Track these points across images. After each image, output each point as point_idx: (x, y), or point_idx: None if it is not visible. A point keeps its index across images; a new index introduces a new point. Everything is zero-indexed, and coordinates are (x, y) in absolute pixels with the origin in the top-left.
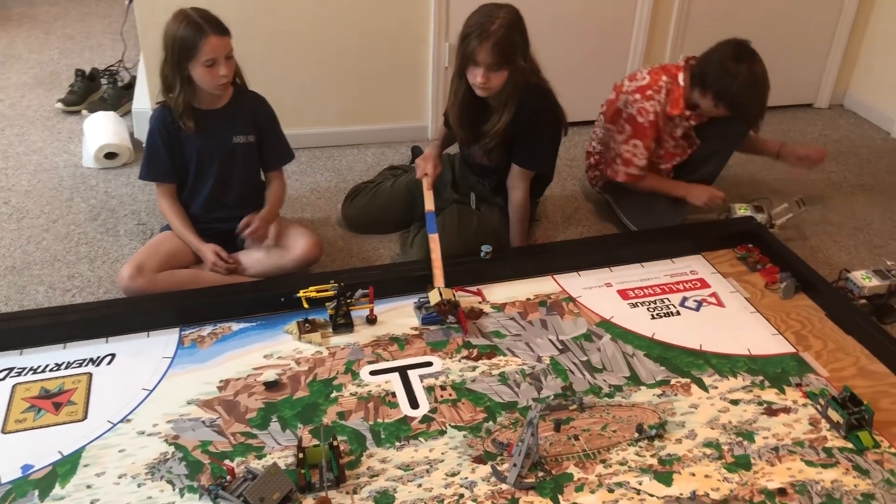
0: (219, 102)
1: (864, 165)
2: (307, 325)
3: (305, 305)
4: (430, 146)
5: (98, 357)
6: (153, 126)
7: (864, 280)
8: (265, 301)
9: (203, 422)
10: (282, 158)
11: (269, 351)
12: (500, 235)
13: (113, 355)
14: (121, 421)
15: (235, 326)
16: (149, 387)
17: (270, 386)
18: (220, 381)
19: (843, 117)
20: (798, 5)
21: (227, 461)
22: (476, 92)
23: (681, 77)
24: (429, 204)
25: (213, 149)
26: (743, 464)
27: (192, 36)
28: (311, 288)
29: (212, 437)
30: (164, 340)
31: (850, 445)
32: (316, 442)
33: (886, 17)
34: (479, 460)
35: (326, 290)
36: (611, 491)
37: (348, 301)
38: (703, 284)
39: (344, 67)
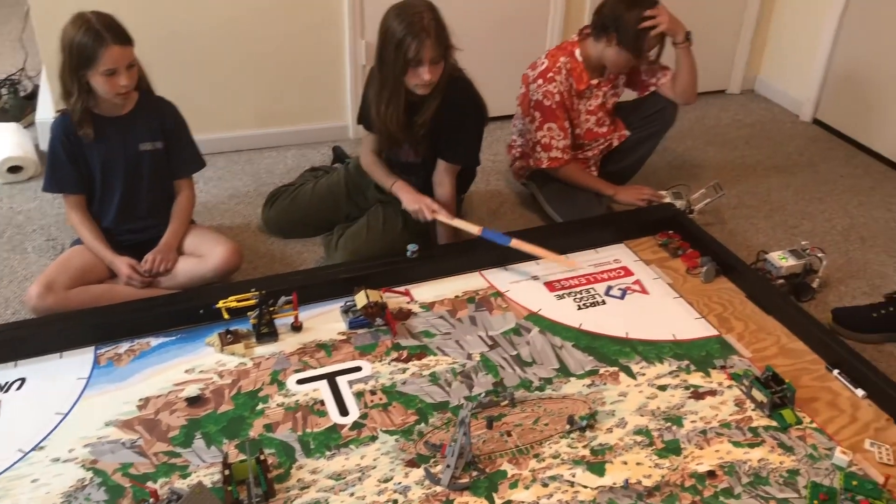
0: (122, 109)
1: (776, 148)
2: (229, 336)
3: (226, 316)
4: (398, 186)
5: (6, 383)
6: (54, 135)
7: (781, 260)
8: (184, 314)
9: (123, 443)
10: (191, 166)
11: (191, 365)
12: (427, 234)
13: (23, 380)
14: (33, 449)
15: (154, 342)
16: (63, 410)
17: (193, 401)
18: (140, 400)
19: (754, 102)
20: None
21: (149, 483)
22: (418, 91)
23: (577, 52)
24: (468, 228)
25: (119, 157)
26: (673, 449)
27: (91, 44)
28: (231, 298)
29: (132, 458)
30: (79, 360)
31: (774, 424)
32: (243, 457)
33: (790, 3)
34: (411, 464)
35: (247, 299)
36: (545, 485)
37: (271, 309)
38: (627, 272)
39: (258, 68)
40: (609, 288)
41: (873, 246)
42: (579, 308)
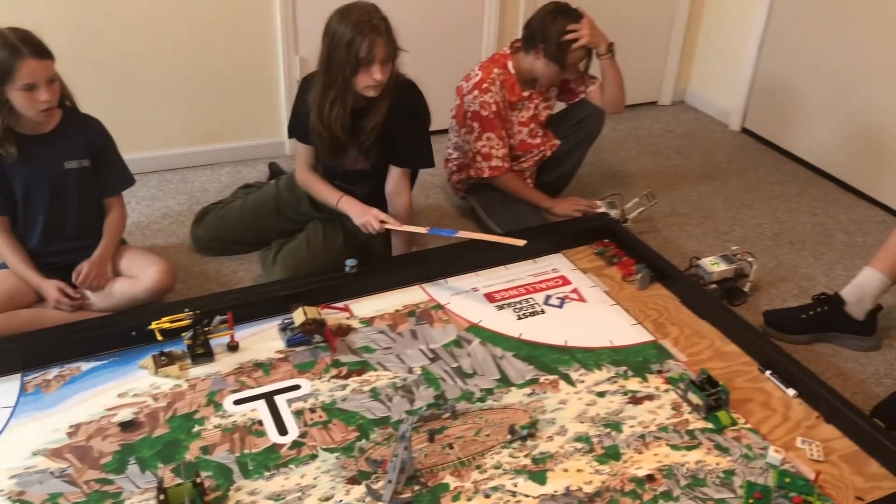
0: (45, 127)
1: (706, 157)
2: (163, 358)
3: (159, 338)
4: (344, 202)
5: None
6: None
7: (713, 266)
8: (116, 337)
9: (51, 473)
10: (120, 184)
11: (124, 389)
12: (367, 249)
13: None
14: None
15: (85, 366)
16: None
17: (126, 426)
18: (70, 427)
19: (685, 113)
20: (637, 8)
21: None
22: (367, 94)
23: (510, 64)
24: (417, 230)
25: (43, 177)
26: (612, 454)
27: (7, 58)
28: (164, 319)
29: (62, 488)
30: (4, 388)
31: (710, 426)
32: (179, 480)
33: (716, 17)
34: (353, 481)
35: (181, 320)
36: (487, 496)
37: (206, 329)
38: (565, 281)
39: (191, 85)
40: (548, 297)
41: (801, 249)
42: (519, 318)
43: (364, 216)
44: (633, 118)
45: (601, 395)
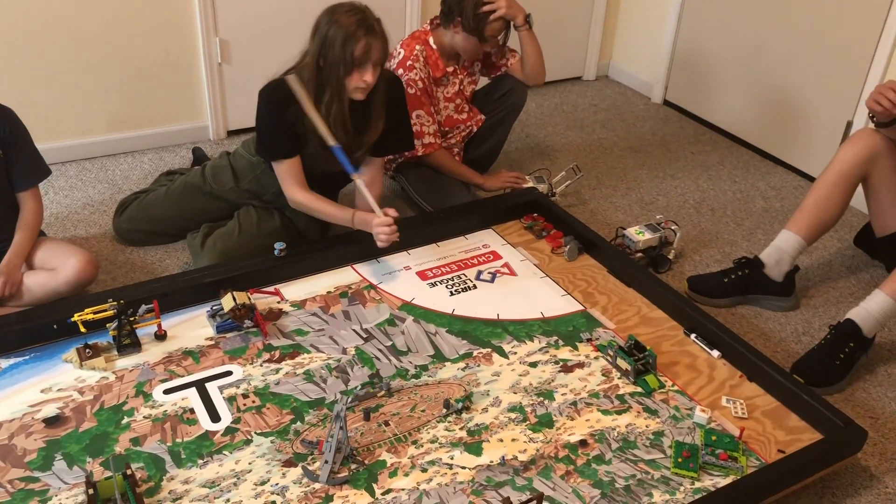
0: None
1: (630, 130)
2: (88, 350)
3: (83, 330)
4: (358, 217)
5: None
6: None
7: (638, 235)
8: (36, 331)
9: None
10: (34, 176)
11: (47, 384)
12: (300, 231)
13: None
14: None
15: (4, 363)
16: None
17: (51, 422)
18: None
19: (608, 87)
20: None
21: None
22: (356, 96)
23: (431, 40)
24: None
25: None
26: (546, 422)
27: None
28: (86, 310)
29: None
30: None
31: (639, 390)
32: (108, 474)
33: None
34: (289, 463)
35: (105, 311)
36: (424, 470)
37: (131, 319)
38: (496, 256)
39: (108, 71)
40: (479, 273)
41: (723, 216)
42: (451, 294)
43: (381, 225)
44: (559, 93)
45: (533, 365)
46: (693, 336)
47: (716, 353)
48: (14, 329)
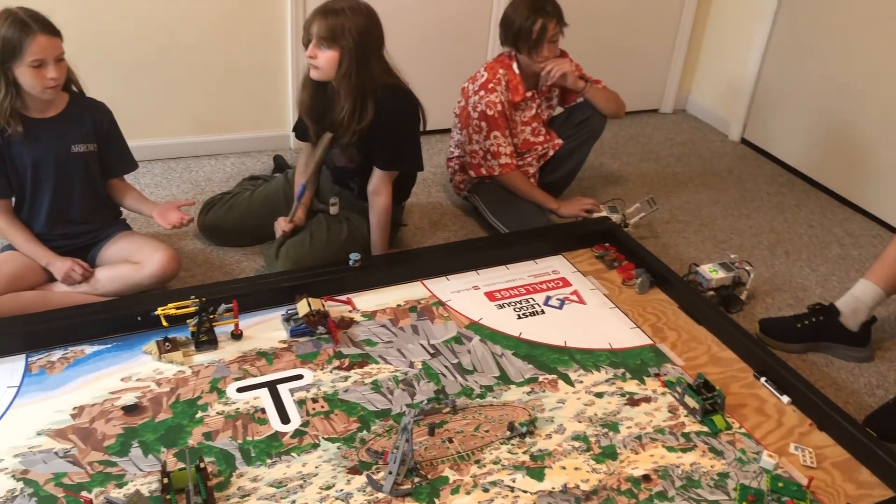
0: (51, 110)
1: (706, 165)
2: (167, 343)
3: (165, 324)
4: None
5: None
6: None
7: (712, 273)
8: (120, 321)
9: (56, 453)
10: (125, 167)
11: (127, 373)
12: (369, 243)
13: None
14: None
15: (89, 349)
16: None
17: (130, 410)
18: (74, 409)
19: (685, 121)
20: (640, 16)
21: (84, 492)
22: (311, 74)
23: (515, 65)
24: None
25: (49, 159)
26: (609, 454)
27: (17, 35)
28: (170, 305)
29: (66, 468)
30: (9, 368)
31: (705, 429)
32: (181, 465)
33: (719, 28)
34: (354, 471)
35: (187, 307)
36: (486, 490)
37: (211, 317)
38: (565, 283)
39: (199, 75)
40: (548, 298)
41: (797, 260)
42: (519, 317)
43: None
44: (635, 125)
45: (599, 395)
46: (763, 379)
47: (786, 398)
48: (100, 318)
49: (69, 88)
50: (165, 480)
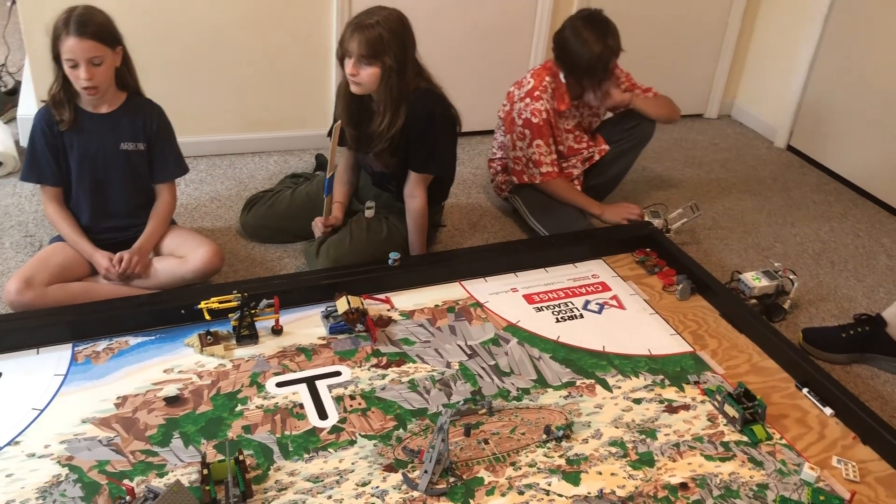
0: (105, 106)
1: (750, 173)
2: (209, 337)
3: (207, 317)
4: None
5: None
6: (35, 125)
7: (755, 281)
8: (164, 313)
9: (99, 441)
10: (172, 172)
11: (170, 365)
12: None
13: None
14: (8, 444)
15: (133, 340)
16: (39, 406)
17: (172, 401)
18: (118, 398)
19: (730, 127)
20: (686, 20)
21: (126, 481)
22: (351, 88)
23: (562, 74)
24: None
25: (98, 154)
26: (646, 461)
27: (56, 33)
28: (213, 299)
29: (109, 456)
30: (56, 357)
31: (745, 439)
32: (221, 457)
33: (767, 33)
34: (389, 468)
35: (229, 301)
36: (521, 493)
37: (252, 312)
38: (605, 288)
39: (246, 74)
40: (587, 302)
41: (843, 270)
42: (557, 321)
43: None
44: (679, 129)
45: (637, 401)
46: (805, 390)
47: (828, 410)
48: (144, 310)
49: (127, 88)
50: (205, 471)
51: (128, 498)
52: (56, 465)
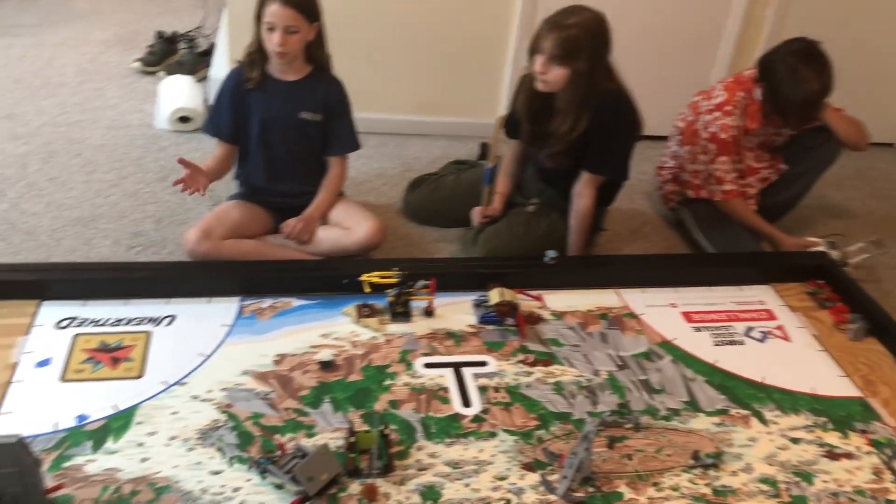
0: (291, 74)
1: None
2: (366, 309)
3: (367, 290)
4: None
5: (158, 317)
6: (225, 83)
7: None
8: (327, 280)
9: (257, 394)
10: (346, 146)
11: (327, 331)
12: (567, 243)
13: (173, 317)
14: (175, 383)
15: (295, 302)
16: (206, 352)
17: (325, 366)
18: (277, 356)
19: None
20: (883, 41)
21: (277, 436)
22: (536, 84)
23: (756, 91)
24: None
25: (278, 119)
26: None
27: None
28: (374, 273)
29: (264, 409)
30: (225, 308)
31: None
32: (367, 427)
33: None
34: (528, 468)
35: (390, 277)
36: None
37: (409, 290)
38: (771, 316)
39: (424, 58)
40: (749, 329)
41: None
42: (716, 344)
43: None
44: (865, 158)
45: (795, 441)
46: None
47: None
48: (310, 275)
49: (315, 61)
50: (352, 440)
51: (278, 452)
52: (216, 411)
